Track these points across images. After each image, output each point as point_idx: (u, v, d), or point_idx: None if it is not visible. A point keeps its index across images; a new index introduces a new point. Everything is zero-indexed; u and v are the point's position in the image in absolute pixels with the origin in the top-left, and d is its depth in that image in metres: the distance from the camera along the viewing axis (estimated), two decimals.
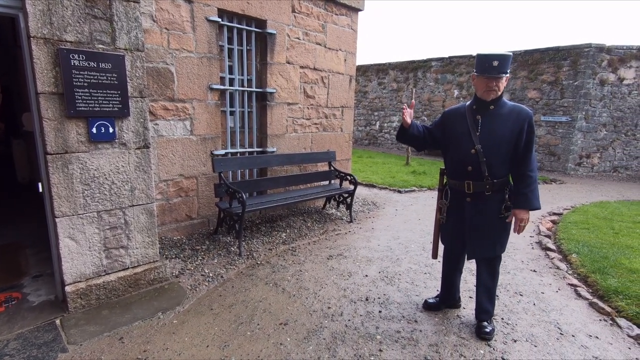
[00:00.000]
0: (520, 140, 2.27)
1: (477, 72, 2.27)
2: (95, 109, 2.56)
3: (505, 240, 2.46)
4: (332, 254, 3.92)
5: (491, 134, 2.30)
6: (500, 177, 2.34)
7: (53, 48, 2.36)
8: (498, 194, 2.37)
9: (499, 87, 2.24)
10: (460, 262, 2.73)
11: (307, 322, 2.64)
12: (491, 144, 2.29)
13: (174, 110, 3.82)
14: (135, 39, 2.70)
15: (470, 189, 2.38)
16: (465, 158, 2.36)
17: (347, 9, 5.46)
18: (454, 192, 2.51)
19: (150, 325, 2.55)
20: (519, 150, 2.29)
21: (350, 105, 5.91)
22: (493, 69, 2.19)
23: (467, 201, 2.43)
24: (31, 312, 2.61)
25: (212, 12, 3.94)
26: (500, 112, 2.31)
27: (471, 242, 2.47)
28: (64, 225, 2.56)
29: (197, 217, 4.24)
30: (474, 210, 2.41)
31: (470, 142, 2.34)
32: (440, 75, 12.92)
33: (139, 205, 2.91)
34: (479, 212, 2.40)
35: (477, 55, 2.27)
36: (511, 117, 2.28)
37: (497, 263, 2.52)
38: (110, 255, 2.83)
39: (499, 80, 2.23)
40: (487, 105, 2.32)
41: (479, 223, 2.41)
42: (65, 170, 2.51)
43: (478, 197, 2.39)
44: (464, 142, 2.37)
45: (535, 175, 2.29)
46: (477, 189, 2.37)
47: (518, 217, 2.34)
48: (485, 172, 2.31)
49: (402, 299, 3.02)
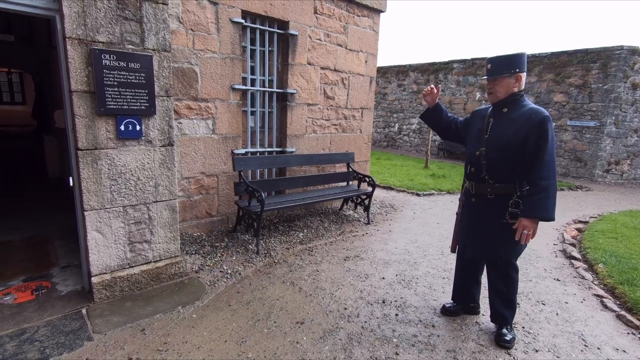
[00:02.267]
0: (527, 145, 2.15)
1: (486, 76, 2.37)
2: (123, 107, 2.65)
3: (512, 247, 2.33)
4: (348, 255, 3.91)
5: (497, 137, 2.28)
6: (504, 182, 2.28)
7: (86, 48, 2.46)
8: (502, 198, 2.29)
9: (496, 89, 2.27)
10: (477, 268, 2.68)
11: (324, 322, 2.65)
12: (495, 147, 2.28)
13: (197, 110, 3.91)
14: (162, 40, 2.79)
15: (474, 190, 2.42)
16: (471, 159, 2.42)
17: (369, 10, 5.45)
18: (465, 192, 2.55)
19: (171, 318, 2.62)
20: (528, 156, 2.16)
21: (370, 107, 5.89)
22: (487, 72, 2.28)
23: (472, 201, 2.46)
24: (59, 301, 2.73)
25: (236, 14, 4.01)
26: (512, 116, 2.26)
27: (470, 240, 2.51)
28: (92, 218, 2.66)
29: (217, 214, 4.32)
30: (474, 211, 2.44)
31: (477, 143, 2.38)
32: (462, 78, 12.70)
33: (162, 201, 2.99)
34: (479, 214, 2.42)
35: (487, 59, 2.33)
36: (519, 121, 2.19)
37: (510, 269, 2.44)
38: (134, 249, 2.92)
39: (492, 82, 2.28)
40: (500, 107, 2.33)
41: (477, 225, 2.43)
42: (95, 166, 2.61)
43: (480, 199, 2.39)
44: (473, 143, 2.43)
45: (546, 183, 2.09)
46: (479, 190, 2.39)
47: (520, 224, 2.18)
48: (485, 175, 2.31)
49: (419, 303, 2.98)
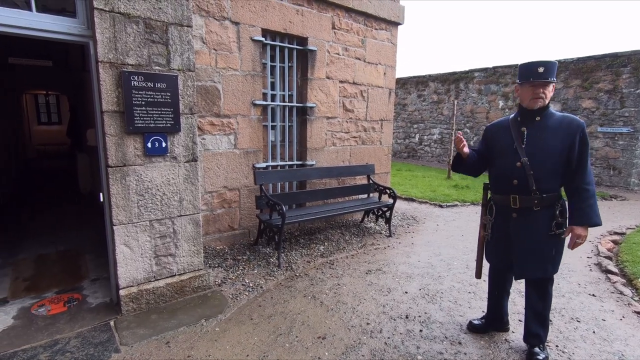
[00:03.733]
0: (573, 152, 2.16)
1: (520, 81, 2.24)
2: (150, 125, 2.77)
3: (557, 260, 2.29)
4: (370, 268, 3.86)
5: (539, 146, 2.20)
6: (550, 192, 2.21)
7: (117, 71, 2.60)
8: (547, 209, 2.23)
9: (545, 94, 2.17)
10: (507, 282, 2.58)
11: (346, 337, 2.61)
12: (539, 157, 2.19)
13: (219, 126, 4.03)
14: (187, 60, 2.91)
15: (517, 204, 2.27)
16: (511, 171, 2.28)
17: (387, 23, 5.49)
18: (499, 208, 2.41)
19: (194, 331, 2.65)
20: (572, 163, 2.17)
21: (390, 119, 5.88)
22: (539, 75, 2.13)
23: (513, 217, 2.32)
24: (89, 313, 2.82)
25: (257, 32, 4.14)
26: (548, 124, 2.21)
27: (519, 261, 2.33)
28: (120, 232, 2.76)
29: (239, 227, 4.38)
30: (521, 226, 2.29)
31: (515, 155, 2.26)
32: (483, 86, 12.49)
33: (186, 216, 3.07)
34: (527, 229, 2.27)
35: (520, 65, 2.24)
36: (561, 128, 2.17)
37: (549, 285, 2.35)
38: (160, 262, 2.99)
39: (545, 86, 2.16)
40: (533, 115, 2.24)
41: (527, 240, 2.28)
42: (123, 182, 2.72)
43: (525, 213, 2.27)
44: (509, 155, 2.29)
45: (592, 189, 2.17)
46: (524, 203, 2.25)
47: (575, 234, 2.19)
48: (533, 186, 2.20)
49: (444, 319, 2.89)
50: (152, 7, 2.69)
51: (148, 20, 2.69)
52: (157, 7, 2.72)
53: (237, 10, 3.95)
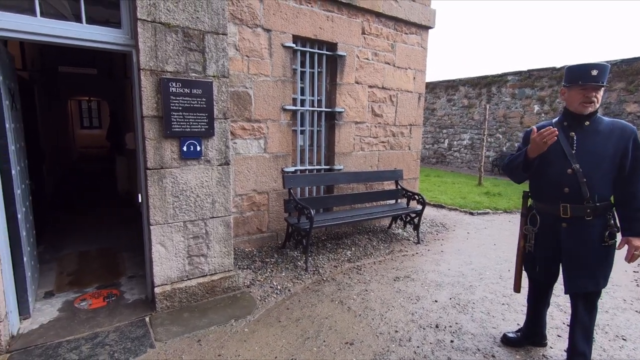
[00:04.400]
0: (626, 158, 2.05)
1: (568, 84, 2.12)
2: (186, 129, 2.88)
3: (608, 273, 2.16)
4: (398, 275, 3.80)
5: (590, 152, 2.09)
6: (603, 200, 2.10)
7: (157, 78, 2.73)
8: (600, 218, 2.11)
9: (597, 98, 2.06)
10: (548, 295, 2.46)
11: (374, 344, 2.58)
12: (591, 163, 2.08)
13: (250, 130, 4.12)
14: (222, 67, 3.01)
15: (568, 213, 2.14)
16: (561, 179, 2.15)
17: (417, 27, 5.44)
18: (545, 217, 2.28)
19: (224, 331, 2.71)
20: (624, 170, 2.06)
21: (419, 123, 5.79)
22: (592, 78, 2.01)
23: (562, 227, 2.19)
24: (127, 309, 2.95)
25: (288, 39, 4.22)
26: (599, 128, 2.10)
27: (569, 274, 2.19)
28: (156, 232, 2.88)
29: (267, 230, 4.45)
30: (573, 237, 2.16)
31: (565, 161, 2.13)
32: (517, 90, 12.06)
33: (218, 217, 3.15)
34: (579, 240, 2.14)
35: (569, 67, 2.12)
36: (613, 134, 2.07)
37: (597, 299, 2.22)
38: (192, 262, 3.09)
39: (597, 90, 2.05)
40: (582, 120, 2.12)
41: (579, 252, 2.15)
42: (160, 184, 2.84)
43: (576, 223, 2.14)
44: (558, 161, 2.17)
45: None
46: (576, 213, 2.12)
47: (633, 245, 2.07)
48: (587, 194, 2.08)
49: (476, 330, 2.79)
50: (191, 17, 2.81)
51: (186, 29, 2.81)
52: (195, 17, 2.83)
53: (269, 18, 4.05)
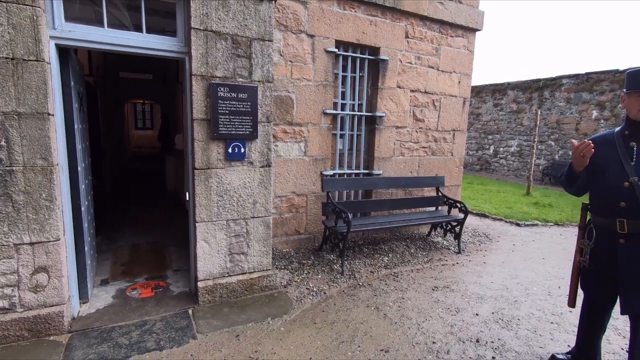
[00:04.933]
0: None
1: (629, 90, 1.97)
2: (232, 132, 3.01)
3: None
4: (437, 285, 3.68)
5: None
6: None
7: (207, 83, 2.89)
8: None
9: None
10: (605, 319, 2.27)
11: (410, 354, 2.52)
12: None
13: (291, 133, 4.22)
14: (267, 72, 3.11)
15: (625, 229, 1.99)
16: (617, 192, 2.00)
17: (464, 30, 5.27)
18: (601, 232, 2.13)
19: (261, 328, 2.79)
20: None
21: (463, 129, 5.59)
22: None
23: (620, 243, 2.03)
24: (172, 300, 3.13)
25: (330, 44, 4.27)
26: None
27: (627, 293, 2.02)
28: (201, 229, 3.03)
29: (305, 232, 4.51)
30: (630, 254, 2.00)
31: (622, 173, 1.99)
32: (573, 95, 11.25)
33: (258, 217, 3.26)
34: (636, 257, 1.98)
35: (629, 72, 1.99)
36: None
37: None
38: (233, 260, 3.21)
39: None
40: None
41: (637, 270, 1.98)
42: (206, 183, 2.99)
43: (635, 239, 1.98)
44: (614, 173, 2.02)
45: None
46: (634, 229, 1.97)
47: None
48: None
49: (521, 348, 2.64)
50: (239, 25, 2.95)
51: (235, 37, 2.94)
52: (244, 25, 2.96)
53: (313, 24, 4.13)
